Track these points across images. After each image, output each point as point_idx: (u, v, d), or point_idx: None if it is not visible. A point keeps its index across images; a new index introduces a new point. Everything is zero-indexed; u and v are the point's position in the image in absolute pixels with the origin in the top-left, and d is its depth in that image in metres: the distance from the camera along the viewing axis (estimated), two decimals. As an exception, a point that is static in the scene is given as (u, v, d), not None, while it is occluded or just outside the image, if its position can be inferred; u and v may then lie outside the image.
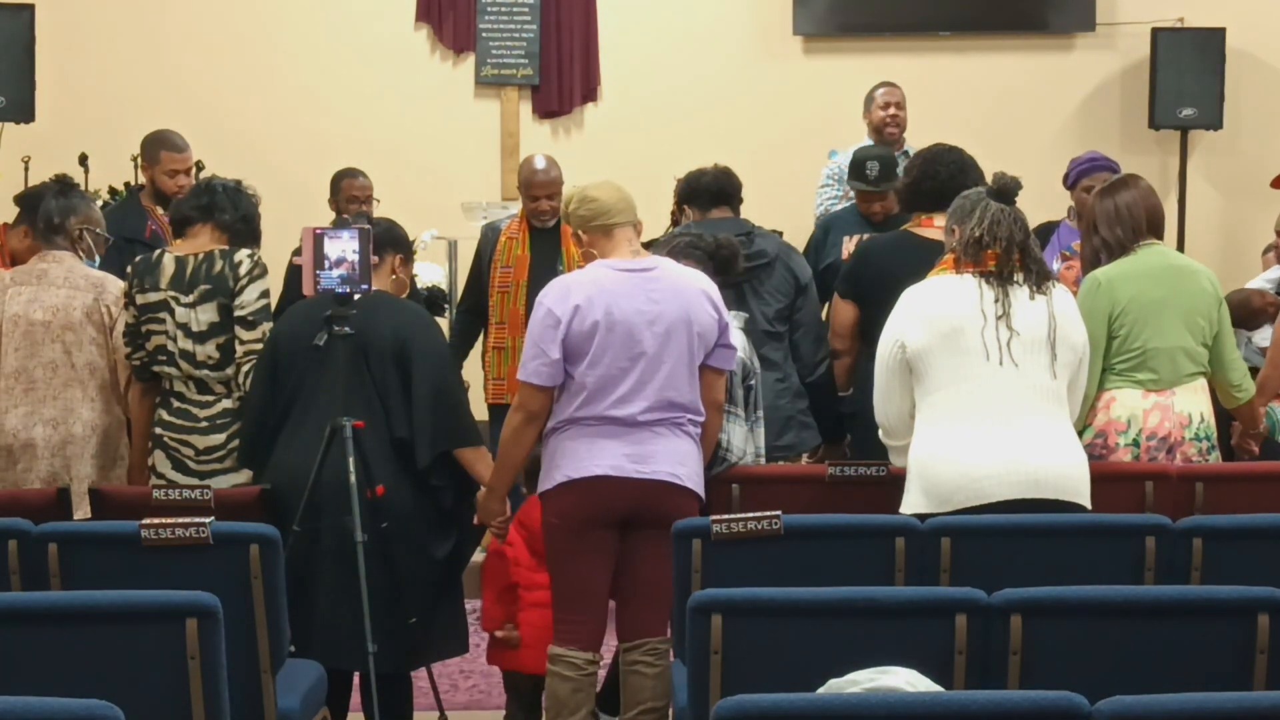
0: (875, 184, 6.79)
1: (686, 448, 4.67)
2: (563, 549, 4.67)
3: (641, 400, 4.60)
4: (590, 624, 4.67)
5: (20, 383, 5.45)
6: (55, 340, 5.45)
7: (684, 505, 4.61)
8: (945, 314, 4.58)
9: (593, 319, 4.58)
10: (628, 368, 4.60)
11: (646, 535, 4.62)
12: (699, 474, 4.71)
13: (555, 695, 4.67)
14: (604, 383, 4.60)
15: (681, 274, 4.76)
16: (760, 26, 9.64)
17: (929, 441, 4.57)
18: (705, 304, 4.69)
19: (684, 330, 4.63)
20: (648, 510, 4.60)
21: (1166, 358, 5.25)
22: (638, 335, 4.60)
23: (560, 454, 4.65)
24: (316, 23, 9.62)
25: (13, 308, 5.49)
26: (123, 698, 2.95)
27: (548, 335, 4.60)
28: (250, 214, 5.47)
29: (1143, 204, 5.36)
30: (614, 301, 4.61)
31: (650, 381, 4.60)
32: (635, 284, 4.65)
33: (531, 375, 4.63)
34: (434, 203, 8.72)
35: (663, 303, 4.64)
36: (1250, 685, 3.53)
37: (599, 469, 4.59)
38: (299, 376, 4.97)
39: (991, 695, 3.08)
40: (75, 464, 5.41)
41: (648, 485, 4.59)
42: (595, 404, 4.60)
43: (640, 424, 4.60)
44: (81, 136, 8.91)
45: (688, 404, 4.66)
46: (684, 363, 4.64)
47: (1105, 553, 4.26)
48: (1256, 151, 9.39)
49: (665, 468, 4.61)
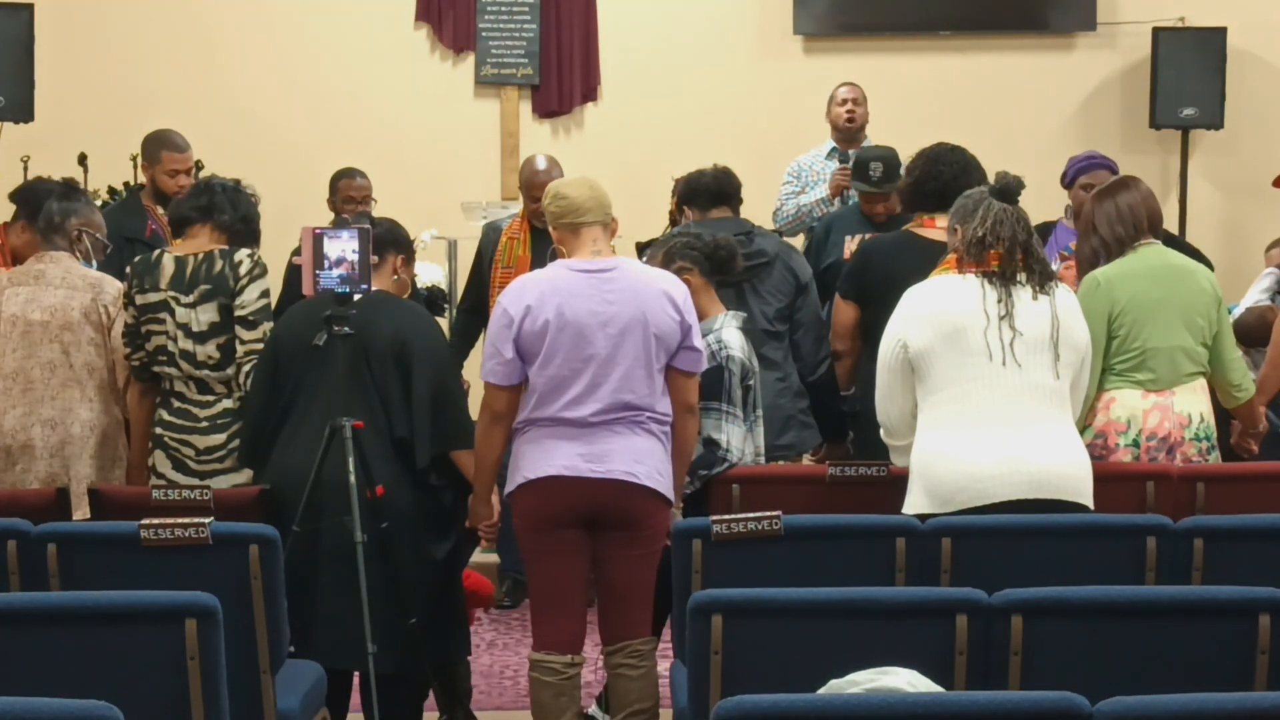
0: (878, 185, 6.79)
1: (646, 445, 4.61)
2: (531, 550, 4.66)
3: (594, 402, 4.57)
4: (567, 626, 4.64)
5: (18, 383, 5.44)
6: (53, 340, 5.44)
7: (645, 505, 4.59)
8: (948, 314, 4.58)
9: (544, 319, 4.56)
10: (580, 369, 4.57)
11: (614, 537, 4.60)
12: (661, 472, 4.63)
13: (538, 701, 4.64)
14: (555, 384, 4.57)
15: (642, 275, 4.71)
16: (760, 26, 9.63)
17: (931, 442, 4.57)
18: (665, 305, 4.62)
19: (639, 331, 4.58)
20: (609, 510, 4.57)
21: (1166, 358, 5.25)
22: (589, 336, 4.56)
23: (520, 455, 4.65)
24: (316, 22, 9.61)
25: (10, 308, 5.48)
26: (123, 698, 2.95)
27: (502, 335, 4.60)
28: (249, 214, 5.46)
29: (1143, 205, 5.36)
30: (565, 302, 4.57)
31: (603, 384, 4.57)
32: (590, 285, 4.61)
33: (489, 375, 4.65)
34: (434, 203, 8.71)
35: (617, 304, 4.59)
36: (1251, 686, 3.52)
37: (553, 469, 4.56)
38: (299, 377, 4.96)
39: (992, 696, 3.08)
40: (74, 464, 5.41)
41: (604, 484, 4.55)
42: (547, 405, 4.58)
43: (594, 425, 4.56)
44: (81, 136, 8.90)
45: (645, 405, 4.61)
46: (640, 364, 4.59)
47: (1106, 553, 4.26)
48: (1257, 151, 9.38)
49: (620, 466, 4.56)
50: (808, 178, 7.87)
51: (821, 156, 7.93)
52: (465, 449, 4.92)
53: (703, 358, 4.77)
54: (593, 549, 4.63)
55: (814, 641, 3.55)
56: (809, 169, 7.90)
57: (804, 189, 7.82)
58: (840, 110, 7.95)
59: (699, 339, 4.72)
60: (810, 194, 7.77)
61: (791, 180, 7.93)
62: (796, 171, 7.93)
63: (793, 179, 7.92)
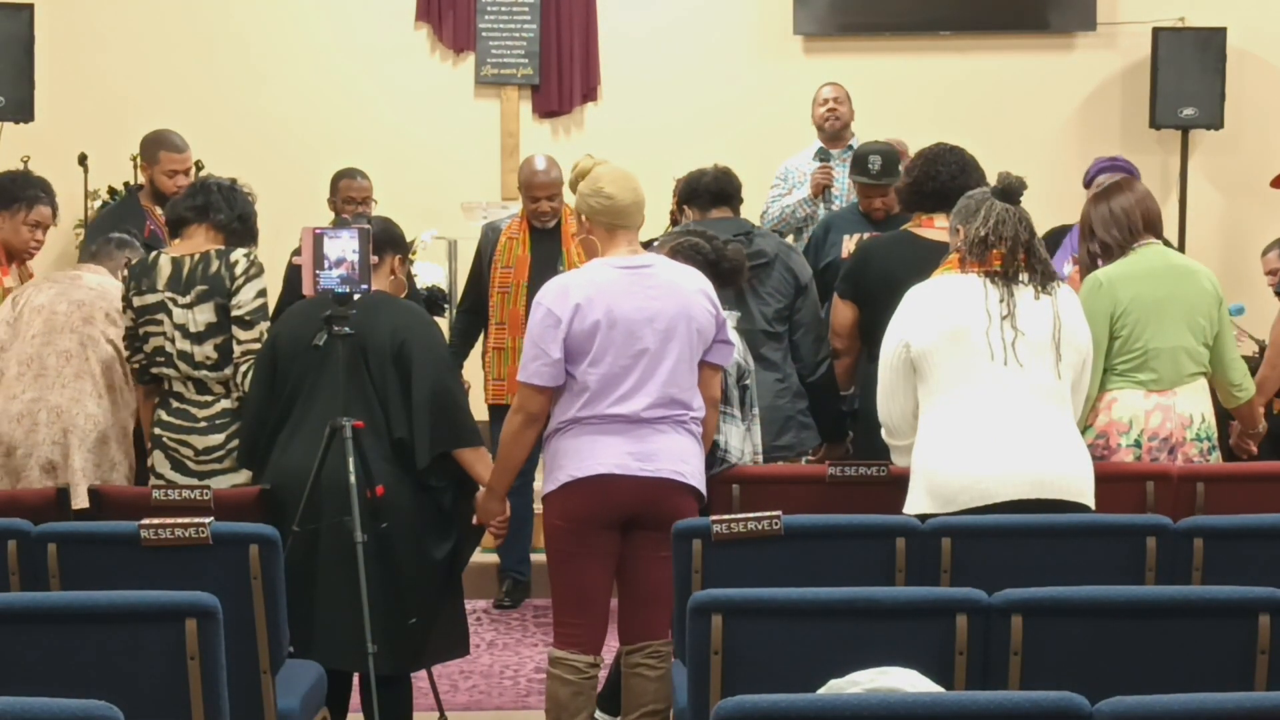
0: (877, 178, 6.80)
1: (689, 445, 4.66)
2: (565, 551, 4.66)
3: (644, 396, 4.59)
4: (591, 627, 4.66)
5: (31, 369, 5.47)
6: (73, 331, 5.49)
7: (685, 504, 4.61)
8: (950, 314, 4.57)
9: (594, 318, 4.57)
10: (630, 365, 4.59)
11: (648, 536, 4.61)
12: (701, 472, 4.70)
13: (556, 698, 4.66)
14: (607, 381, 4.58)
15: (677, 271, 4.76)
16: (760, 26, 9.64)
17: (933, 442, 4.57)
18: (703, 300, 4.68)
19: (684, 326, 4.62)
20: (650, 509, 4.58)
21: (1168, 358, 5.25)
22: (639, 332, 4.59)
23: (563, 454, 4.63)
24: (316, 22, 9.62)
25: (38, 298, 5.57)
26: (123, 698, 2.95)
27: (548, 335, 4.58)
28: (246, 213, 5.46)
29: (1139, 206, 5.36)
30: (614, 300, 4.59)
31: (652, 378, 4.59)
32: (634, 281, 4.63)
33: (533, 376, 4.61)
34: (434, 203, 8.73)
35: (661, 299, 4.63)
36: (1251, 686, 3.52)
37: (602, 467, 4.57)
38: (298, 377, 4.96)
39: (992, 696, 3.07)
40: (73, 454, 5.40)
41: (651, 483, 4.57)
42: (598, 403, 4.59)
43: (644, 421, 4.58)
44: (80, 136, 8.92)
45: (689, 401, 4.65)
46: (685, 359, 4.64)
47: (1106, 553, 4.26)
48: (1257, 151, 9.39)
49: (669, 465, 4.60)
50: (795, 179, 7.89)
51: (809, 158, 7.95)
52: (468, 448, 4.92)
53: (733, 350, 4.82)
54: (621, 550, 4.64)
55: (814, 641, 3.55)
56: (796, 171, 7.92)
57: (790, 191, 7.84)
58: (821, 110, 7.99)
59: (731, 333, 4.77)
60: (794, 194, 7.78)
61: (779, 183, 7.96)
62: (784, 174, 7.98)
63: (780, 181, 7.96)
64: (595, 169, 4.80)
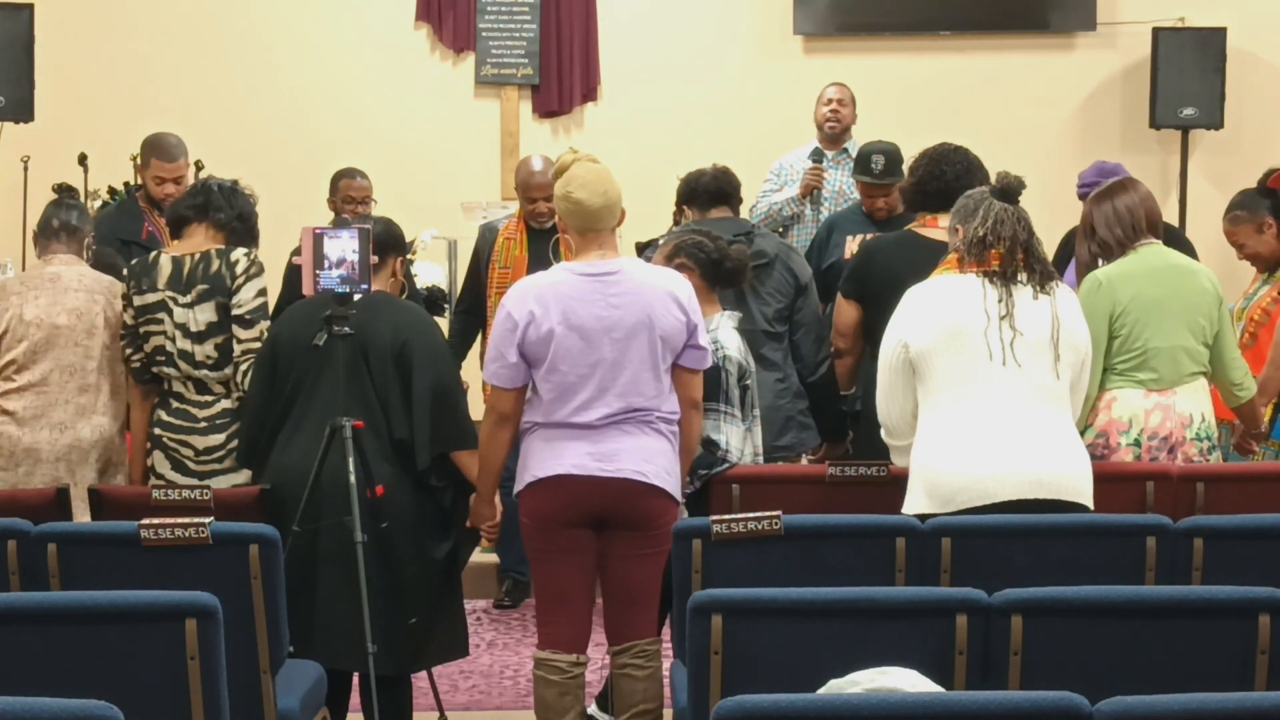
0: (880, 178, 6.80)
1: (655, 445, 4.60)
2: (537, 549, 4.66)
3: (602, 407, 4.55)
4: (572, 625, 4.64)
5: (34, 386, 5.42)
6: (77, 345, 5.43)
7: (654, 504, 4.58)
8: (949, 314, 4.57)
9: (548, 326, 4.54)
10: (587, 374, 4.55)
11: (622, 536, 4.59)
12: (670, 471, 4.63)
13: (543, 699, 4.64)
14: (562, 390, 4.56)
15: (646, 276, 4.67)
16: (760, 26, 9.63)
17: (932, 442, 4.57)
18: (670, 305, 4.59)
19: (645, 334, 4.56)
20: (617, 509, 4.56)
21: (1168, 357, 5.25)
22: (595, 342, 4.54)
23: (529, 454, 4.64)
24: (316, 22, 9.61)
25: (31, 311, 5.45)
26: (123, 698, 2.95)
27: (506, 339, 4.58)
28: (247, 213, 5.45)
29: (1142, 206, 5.36)
30: (570, 308, 4.55)
31: (610, 388, 4.55)
32: (594, 289, 4.57)
33: (492, 377, 4.64)
34: (434, 203, 8.72)
35: (622, 308, 4.56)
36: (1251, 685, 3.52)
37: (562, 468, 4.55)
38: (298, 377, 4.96)
39: (992, 695, 3.07)
40: (79, 469, 5.39)
41: (613, 484, 4.54)
42: (556, 411, 4.57)
43: (602, 427, 4.56)
44: (80, 136, 8.91)
45: (653, 406, 4.60)
46: (646, 367, 4.57)
47: (1106, 553, 4.26)
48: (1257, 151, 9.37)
49: (630, 465, 4.55)
50: (787, 176, 7.88)
51: (804, 156, 7.93)
52: (466, 449, 4.92)
53: (708, 355, 4.75)
54: (600, 549, 4.63)
55: (814, 641, 3.55)
56: (789, 168, 7.91)
57: (782, 188, 7.83)
58: (824, 110, 7.98)
59: (704, 336, 4.70)
60: (784, 192, 7.77)
61: (771, 178, 7.96)
62: (778, 169, 7.96)
63: (773, 176, 7.95)
64: (571, 167, 4.71)
